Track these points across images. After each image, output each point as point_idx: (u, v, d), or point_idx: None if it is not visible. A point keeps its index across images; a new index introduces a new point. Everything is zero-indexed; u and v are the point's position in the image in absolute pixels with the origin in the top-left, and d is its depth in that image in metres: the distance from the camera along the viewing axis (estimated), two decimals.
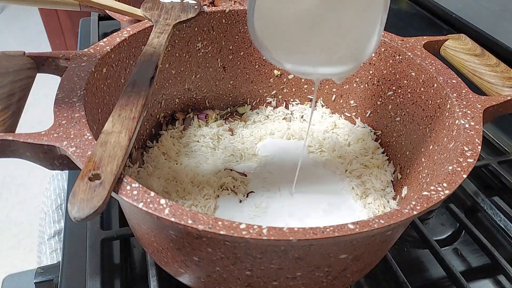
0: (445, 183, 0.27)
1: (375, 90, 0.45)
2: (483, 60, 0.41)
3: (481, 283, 0.41)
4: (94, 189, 0.23)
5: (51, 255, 0.57)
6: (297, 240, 0.23)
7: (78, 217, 0.22)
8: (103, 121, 0.33)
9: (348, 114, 0.49)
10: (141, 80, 0.32)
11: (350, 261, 0.29)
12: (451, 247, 0.44)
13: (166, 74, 0.46)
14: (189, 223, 0.23)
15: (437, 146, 0.35)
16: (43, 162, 0.29)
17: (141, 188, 0.25)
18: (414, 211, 0.25)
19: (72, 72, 0.34)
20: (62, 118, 0.29)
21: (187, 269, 0.30)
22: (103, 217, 0.43)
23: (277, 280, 0.29)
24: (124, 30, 0.40)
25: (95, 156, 0.25)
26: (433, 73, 0.38)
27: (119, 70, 0.39)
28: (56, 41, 1.76)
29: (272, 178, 0.42)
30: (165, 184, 0.40)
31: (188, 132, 0.48)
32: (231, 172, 0.42)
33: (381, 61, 0.44)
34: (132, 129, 0.28)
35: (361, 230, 0.23)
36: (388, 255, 0.39)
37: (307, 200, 0.40)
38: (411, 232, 0.44)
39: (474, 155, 0.30)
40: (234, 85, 0.52)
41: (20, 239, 1.24)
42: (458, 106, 0.34)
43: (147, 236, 0.31)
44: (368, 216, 0.39)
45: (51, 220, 0.60)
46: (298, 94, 0.52)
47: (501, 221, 0.46)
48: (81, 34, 0.79)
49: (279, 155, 0.45)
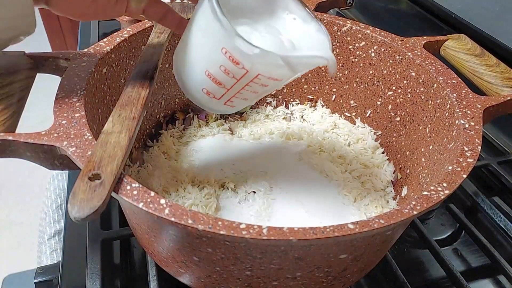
0: (445, 183, 0.27)
1: (375, 90, 0.45)
2: (483, 60, 0.41)
3: (481, 283, 0.41)
4: (94, 189, 0.23)
5: (51, 255, 0.57)
6: (297, 240, 0.23)
7: (78, 217, 0.22)
8: (103, 121, 0.33)
9: (348, 114, 0.49)
10: (141, 80, 0.32)
11: (350, 261, 0.29)
12: (451, 247, 0.44)
13: (166, 74, 0.46)
14: (189, 223, 0.23)
15: (437, 146, 0.35)
16: (43, 162, 0.29)
17: (141, 188, 0.25)
18: (414, 211, 0.25)
19: (72, 72, 0.34)
20: (62, 118, 0.29)
21: (187, 269, 0.30)
22: (103, 217, 0.43)
23: (277, 280, 0.29)
24: (124, 30, 0.40)
25: (95, 156, 0.25)
26: (433, 73, 0.38)
27: (119, 70, 0.39)
28: (56, 41, 1.76)
29: (270, 176, 0.42)
30: (165, 183, 0.40)
31: (188, 131, 0.48)
32: (230, 172, 0.42)
33: (381, 61, 0.44)
34: (132, 129, 0.28)
35: (361, 230, 0.23)
36: (388, 255, 0.39)
37: (310, 199, 0.40)
38: (411, 232, 0.44)
39: (474, 155, 0.30)
40: None
41: (20, 239, 1.24)
42: (458, 106, 0.34)
43: (147, 236, 0.31)
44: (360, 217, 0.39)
45: (51, 220, 0.60)
46: (298, 94, 0.52)
47: (501, 221, 0.46)
48: (81, 34, 0.79)
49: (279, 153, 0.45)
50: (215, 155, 0.45)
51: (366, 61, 0.45)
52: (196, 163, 0.43)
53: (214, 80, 0.29)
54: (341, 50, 0.47)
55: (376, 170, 0.43)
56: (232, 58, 0.27)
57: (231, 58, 0.27)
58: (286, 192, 0.41)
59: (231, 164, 0.44)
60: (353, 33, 0.45)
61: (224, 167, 0.43)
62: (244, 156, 0.45)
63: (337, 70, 0.29)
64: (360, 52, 0.45)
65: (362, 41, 0.45)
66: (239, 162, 0.44)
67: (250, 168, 0.43)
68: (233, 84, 0.29)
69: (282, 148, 0.46)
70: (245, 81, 0.29)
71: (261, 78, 0.29)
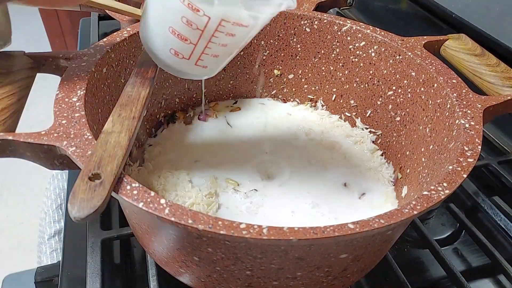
0: (445, 183, 0.27)
1: (375, 90, 0.45)
2: (483, 60, 0.41)
3: (481, 283, 0.41)
4: (94, 189, 0.23)
5: (51, 255, 0.57)
6: (298, 239, 0.23)
7: (78, 217, 0.22)
8: (103, 121, 0.33)
9: (348, 114, 0.49)
10: (141, 80, 0.32)
11: (350, 261, 0.29)
12: (451, 247, 0.44)
13: (166, 74, 0.46)
14: (189, 223, 0.23)
15: (437, 146, 0.35)
16: (43, 162, 0.29)
17: (141, 187, 0.25)
18: (414, 211, 0.25)
19: (72, 72, 0.34)
20: (62, 118, 0.29)
21: (187, 269, 0.30)
22: (103, 217, 0.43)
23: (277, 280, 0.29)
24: (124, 30, 0.40)
25: (95, 156, 0.25)
26: (433, 73, 0.38)
27: (119, 70, 0.39)
28: (56, 41, 1.76)
29: (272, 172, 0.42)
30: (165, 183, 0.40)
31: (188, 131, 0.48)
32: (231, 169, 0.42)
33: (381, 61, 0.44)
34: (132, 129, 0.28)
35: (361, 230, 0.23)
36: (388, 255, 0.39)
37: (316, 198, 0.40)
38: (411, 232, 0.44)
39: (474, 155, 0.30)
40: (234, 85, 0.52)
41: (20, 239, 1.24)
42: (458, 106, 0.34)
43: (147, 236, 0.31)
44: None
45: (51, 220, 0.60)
46: (298, 94, 0.52)
47: (501, 221, 0.46)
48: (81, 34, 0.79)
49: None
50: (215, 152, 0.45)
51: (366, 61, 0.45)
52: (196, 162, 0.43)
53: (179, 36, 0.30)
54: (341, 50, 0.47)
55: (376, 170, 0.43)
56: (192, 6, 0.27)
57: (190, 6, 0.27)
58: (290, 185, 0.41)
59: (231, 161, 0.44)
60: (353, 33, 0.45)
61: (224, 164, 0.43)
62: (245, 152, 0.45)
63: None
64: (360, 52, 0.45)
65: (362, 41, 0.45)
66: (239, 158, 0.44)
67: (251, 164, 0.43)
68: (199, 37, 0.29)
69: (284, 142, 0.46)
70: (209, 32, 0.29)
71: (225, 25, 0.28)
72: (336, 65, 0.48)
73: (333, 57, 0.47)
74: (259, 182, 0.41)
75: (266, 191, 0.40)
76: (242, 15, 0.28)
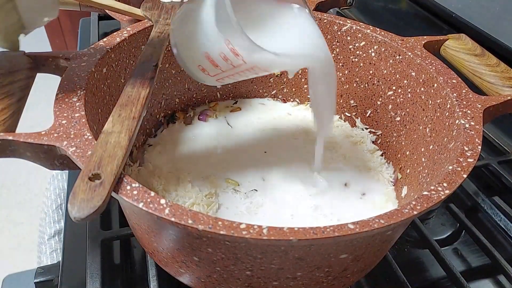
0: (445, 183, 0.27)
1: (375, 90, 0.45)
2: (483, 60, 0.41)
3: (481, 283, 0.41)
4: (94, 189, 0.23)
5: (51, 255, 0.57)
6: (297, 240, 0.23)
7: (78, 217, 0.22)
8: (103, 121, 0.33)
9: (348, 114, 0.49)
10: (141, 80, 0.32)
11: (350, 261, 0.29)
12: (451, 247, 0.44)
13: (166, 74, 0.46)
14: (189, 223, 0.23)
15: (437, 146, 0.35)
16: (43, 162, 0.29)
17: (141, 188, 0.25)
18: (414, 211, 0.25)
19: (72, 72, 0.34)
20: (62, 118, 0.29)
21: (187, 269, 0.30)
22: (103, 217, 0.43)
23: (277, 280, 0.29)
24: (124, 30, 0.40)
25: (95, 156, 0.25)
26: (433, 73, 0.38)
27: (119, 70, 0.39)
28: (56, 41, 1.76)
29: (273, 171, 0.42)
30: (165, 183, 0.40)
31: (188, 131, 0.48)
32: (231, 169, 0.42)
33: (381, 61, 0.44)
34: (132, 129, 0.28)
35: (361, 230, 0.23)
36: (388, 255, 0.39)
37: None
38: (411, 232, 0.44)
39: (474, 155, 0.30)
40: (234, 85, 0.52)
41: (20, 239, 1.24)
42: (458, 106, 0.34)
43: (147, 236, 0.31)
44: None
45: (51, 220, 0.60)
46: (298, 94, 0.52)
47: (501, 221, 0.46)
48: (81, 34, 0.79)
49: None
50: (215, 152, 0.45)
51: (366, 60, 0.45)
52: (196, 162, 0.43)
53: (212, 62, 0.31)
54: (341, 50, 0.47)
55: (376, 170, 0.43)
56: (233, 50, 0.28)
57: (232, 50, 0.28)
58: (290, 186, 0.41)
59: (230, 161, 0.44)
60: (353, 33, 0.45)
61: (224, 164, 0.43)
62: (245, 152, 0.45)
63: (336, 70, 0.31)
64: (360, 52, 0.45)
65: (362, 41, 0.45)
66: (239, 158, 0.44)
67: (251, 164, 0.43)
68: (229, 68, 0.31)
69: (283, 142, 0.46)
70: (240, 69, 0.31)
71: (256, 69, 0.30)
72: (336, 65, 0.48)
73: (333, 57, 0.47)
74: (259, 182, 0.41)
75: (266, 191, 0.40)
76: (274, 65, 0.31)
